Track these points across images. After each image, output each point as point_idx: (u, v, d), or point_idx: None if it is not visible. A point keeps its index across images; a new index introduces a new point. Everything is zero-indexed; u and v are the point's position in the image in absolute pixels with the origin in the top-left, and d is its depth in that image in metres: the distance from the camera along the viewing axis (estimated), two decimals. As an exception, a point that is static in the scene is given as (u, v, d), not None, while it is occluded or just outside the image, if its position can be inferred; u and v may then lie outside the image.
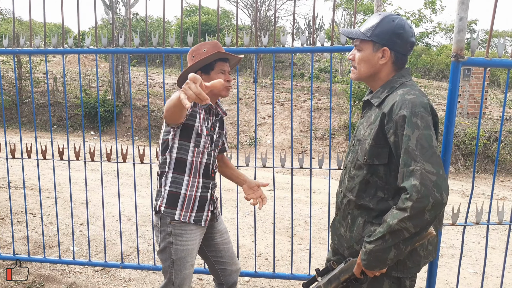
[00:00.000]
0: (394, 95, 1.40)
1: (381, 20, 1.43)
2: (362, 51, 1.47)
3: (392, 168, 1.40)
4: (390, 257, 1.33)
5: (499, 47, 1.97)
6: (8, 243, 3.46)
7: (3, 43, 2.78)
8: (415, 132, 1.29)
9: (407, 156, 1.29)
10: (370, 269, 1.39)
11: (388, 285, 1.46)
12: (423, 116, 1.31)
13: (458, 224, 2.18)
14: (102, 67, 17.95)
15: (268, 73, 18.57)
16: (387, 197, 1.43)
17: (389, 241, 1.31)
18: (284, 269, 3.33)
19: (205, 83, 1.31)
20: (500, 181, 8.48)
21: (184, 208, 1.88)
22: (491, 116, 11.69)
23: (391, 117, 1.35)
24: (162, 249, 1.90)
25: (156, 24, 24.06)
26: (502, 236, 4.59)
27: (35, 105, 12.08)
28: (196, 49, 1.93)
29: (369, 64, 1.46)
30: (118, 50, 2.69)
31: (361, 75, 1.50)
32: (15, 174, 5.72)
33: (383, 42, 1.42)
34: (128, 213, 4.60)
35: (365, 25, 1.47)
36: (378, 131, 1.39)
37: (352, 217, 1.52)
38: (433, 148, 1.28)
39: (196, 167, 1.90)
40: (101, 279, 3.02)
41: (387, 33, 1.42)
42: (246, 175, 2.20)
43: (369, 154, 1.42)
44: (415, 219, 1.25)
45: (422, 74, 20.14)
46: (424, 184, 1.24)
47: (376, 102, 1.46)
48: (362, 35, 1.45)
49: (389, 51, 1.43)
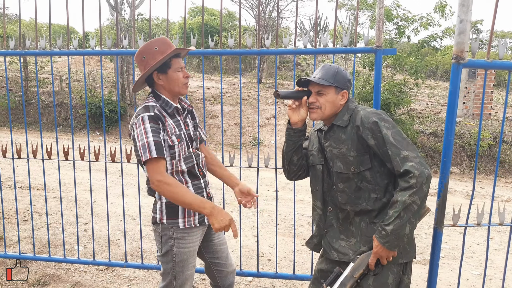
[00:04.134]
0: (357, 113, 1.72)
1: (337, 69, 1.76)
2: (326, 95, 1.74)
3: (376, 170, 1.69)
4: (407, 232, 1.57)
5: (500, 48, 1.97)
6: (14, 242, 3.51)
7: (9, 44, 2.82)
8: (389, 131, 1.62)
9: (394, 148, 1.60)
10: (392, 248, 1.59)
11: (392, 279, 1.67)
12: (387, 119, 1.66)
13: (459, 225, 2.18)
14: (107, 67, 18.05)
15: (273, 73, 18.58)
16: (380, 196, 1.69)
17: (404, 218, 1.55)
18: (287, 270, 3.34)
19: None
20: (505, 182, 8.43)
21: (186, 215, 1.87)
22: (497, 117, 11.61)
23: (364, 126, 1.66)
24: (164, 253, 1.88)
25: (161, 25, 24.16)
26: (506, 238, 4.56)
27: (40, 105, 12.17)
28: (144, 49, 1.84)
29: (333, 104, 1.75)
30: (122, 52, 2.71)
31: (325, 115, 1.76)
32: (21, 174, 5.79)
33: (342, 87, 1.75)
34: (132, 213, 4.63)
35: (322, 74, 1.75)
36: (357, 142, 1.68)
37: (355, 225, 1.74)
38: (406, 139, 1.63)
39: (180, 176, 1.87)
40: (105, 278, 3.05)
41: (344, 79, 1.76)
42: (250, 174, 2.21)
43: (355, 164, 1.69)
44: (419, 192, 1.53)
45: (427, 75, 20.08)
46: (417, 163, 1.55)
47: (342, 124, 1.74)
48: (326, 82, 1.73)
49: (347, 92, 1.77)
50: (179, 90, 1.88)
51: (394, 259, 1.66)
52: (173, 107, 1.87)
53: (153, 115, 1.77)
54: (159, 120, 1.79)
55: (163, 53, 1.81)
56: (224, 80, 16.66)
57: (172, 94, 1.89)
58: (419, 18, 10.01)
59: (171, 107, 1.87)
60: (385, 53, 2.35)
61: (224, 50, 2.62)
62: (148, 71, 1.82)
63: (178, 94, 1.90)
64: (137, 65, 1.89)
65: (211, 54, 2.64)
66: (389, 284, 1.67)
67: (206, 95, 13.39)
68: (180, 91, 1.88)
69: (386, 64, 10.20)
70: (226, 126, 11.57)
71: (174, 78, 1.85)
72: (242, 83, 13.46)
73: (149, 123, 1.75)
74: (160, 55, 1.81)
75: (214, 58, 18.02)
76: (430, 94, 14.76)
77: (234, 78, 17.75)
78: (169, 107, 1.86)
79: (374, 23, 10.27)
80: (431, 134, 9.98)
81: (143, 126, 1.74)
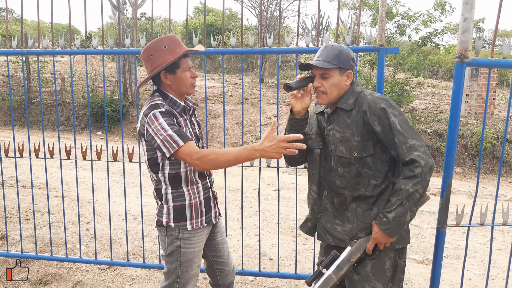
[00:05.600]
0: (364, 97, 1.69)
1: (340, 49, 1.69)
2: (330, 78, 1.68)
3: (378, 156, 1.68)
4: (408, 220, 1.60)
5: (504, 47, 1.96)
6: (16, 241, 3.51)
7: (11, 44, 2.83)
8: (396, 118, 1.61)
9: (401, 136, 1.59)
10: (392, 235, 1.62)
11: (389, 264, 1.71)
12: (395, 106, 1.66)
13: (462, 225, 2.17)
14: (109, 67, 18.08)
15: (275, 73, 18.56)
16: (379, 183, 1.69)
17: (406, 205, 1.57)
18: (289, 269, 3.33)
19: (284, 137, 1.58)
20: (508, 182, 8.41)
21: (193, 217, 1.85)
22: (500, 117, 11.57)
23: (371, 111, 1.64)
24: (169, 253, 1.86)
25: (164, 24, 24.18)
26: (509, 238, 4.54)
27: (43, 105, 12.20)
28: (153, 46, 1.79)
29: (339, 87, 1.70)
30: (124, 51, 2.71)
31: (331, 99, 1.71)
32: (23, 173, 5.80)
33: (346, 67, 1.69)
34: (134, 212, 4.63)
35: (325, 56, 1.68)
36: (362, 127, 1.66)
37: (350, 210, 1.73)
38: (411, 128, 1.63)
39: (191, 175, 1.85)
40: (107, 277, 3.05)
41: (347, 58, 1.69)
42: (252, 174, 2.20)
43: (358, 149, 1.67)
44: (423, 181, 1.55)
45: (429, 74, 20.02)
46: (423, 153, 1.56)
47: (347, 107, 1.70)
48: (329, 64, 1.66)
49: (352, 73, 1.73)
50: (186, 90, 1.85)
51: (391, 245, 1.68)
52: (181, 107, 1.84)
53: (164, 111, 1.74)
54: (172, 114, 1.77)
55: (173, 52, 1.77)
56: (226, 79, 16.66)
57: (179, 94, 1.86)
58: (419, 15, 9.98)
59: (179, 106, 1.84)
60: (388, 52, 2.35)
61: (226, 49, 2.62)
62: (156, 71, 1.78)
63: (185, 94, 1.88)
64: (143, 62, 1.84)
65: (213, 53, 2.64)
66: (386, 270, 1.70)
67: (208, 95, 13.39)
68: (188, 91, 1.86)
69: (388, 63, 10.17)
70: (228, 126, 11.57)
71: (182, 78, 1.82)
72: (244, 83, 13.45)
73: (163, 118, 1.71)
74: (170, 54, 1.77)
75: (216, 57, 18.02)
76: (433, 94, 14.72)
77: (236, 77, 17.75)
78: (177, 106, 1.83)
79: (375, 22, 10.25)
80: (434, 134, 9.96)
81: (157, 123, 1.69)
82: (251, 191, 5.88)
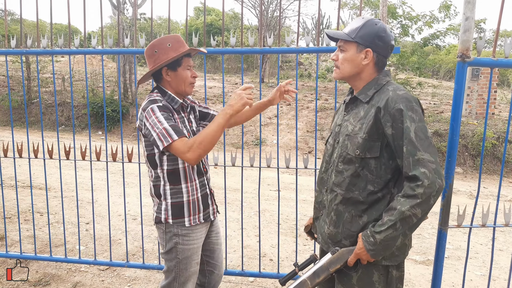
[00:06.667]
0: (385, 92, 1.48)
1: (365, 23, 1.51)
2: (345, 52, 1.53)
3: (383, 161, 1.47)
4: (397, 244, 1.40)
5: (506, 47, 1.95)
6: (15, 242, 3.50)
7: (11, 43, 2.81)
8: (412, 124, 1.38)
9: (411, 146, 1.37)
10: (377, 257, 1.44)
11: (377, 277, 1.51)
12: (417, 110, 1.41)
13: (464, 226, 2.15)
14: (109, 67, 18.07)
15: (275, 73, 18.55)
16: (376, 190, 1.48)
17: (399, 229, 1.36)
18: (289, 270, 3.32)
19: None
20: (509, 182, 8.39)
21: (191, 213, 1.87)
22: (500, 117, 11.54)
23: (387, 110, 1.42)
24: (168, 250, 1.88)
25: (164, 25, 24.17)
26: (511, 238, 4.53)
27: (43, 105, 12.19)
28: (157, 43, 1.84)
29: (352, 64, 1.53)
30: (123, 51, 2.70)
31: (344, 74, 1.56)
32: (22, 173, 5.79)
33: (366, 44, 1.50)
34: (134, 212, 4.62)
35: (349, 27, 1.53)
36: (373, 125, 1.46)
37: (337, 212, 1.56)
38: (429, 139, 1.39)
39: (189, 172, 1.87)
40: (107, 278, 3.03)
41: (370, 35, 1.49)
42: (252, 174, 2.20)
43: (361, 148, 1.48)
44: (424, 204, 1.33)
45: (430, 74, 19.99)
46: (431, 171, 1.33)
47: (364, 98, 1.53)
48: (347, 36, 1.51)
49: (372, 52, 1.51)
50: (184, 89, 1.89)
51: (377, 261, 1.49)
52: (179, 103, 1.89)
53: (161, 105, 1.79)
54: (169, 110, 1.81)
55: (176, 50, 1.82)
56: (226, 79, 16.65)
57: (178, 92, 1.90)
58: (422, 16, 9.99)
59: (177, 103, 1.88)
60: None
61: (226, 49, 2.61)
62: (158, 66, 1.82)
63: (183, 93, 1.91)
64: (146, 58, 1.89)
65: (213, 53, 2.63)
66: (375, 282, 1.50)
67: (208, 95, 13.38)
68: (186, 90, 1.89)
69: (389, 63, 10.16)
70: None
71: (182, 76, 1.86)
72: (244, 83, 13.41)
73: (160, 112, 1.75)
74: (173, 52, 1.81)
75: (217, 57, 18.01)
76: (433, 94, 14.70)
77: (237, 77, 17.73)
78: (175, 103, 1.88)
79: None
80: (434, 134, 9.94)
81: (154, 116, 1.74)
82: (251, 191, 5.87)
